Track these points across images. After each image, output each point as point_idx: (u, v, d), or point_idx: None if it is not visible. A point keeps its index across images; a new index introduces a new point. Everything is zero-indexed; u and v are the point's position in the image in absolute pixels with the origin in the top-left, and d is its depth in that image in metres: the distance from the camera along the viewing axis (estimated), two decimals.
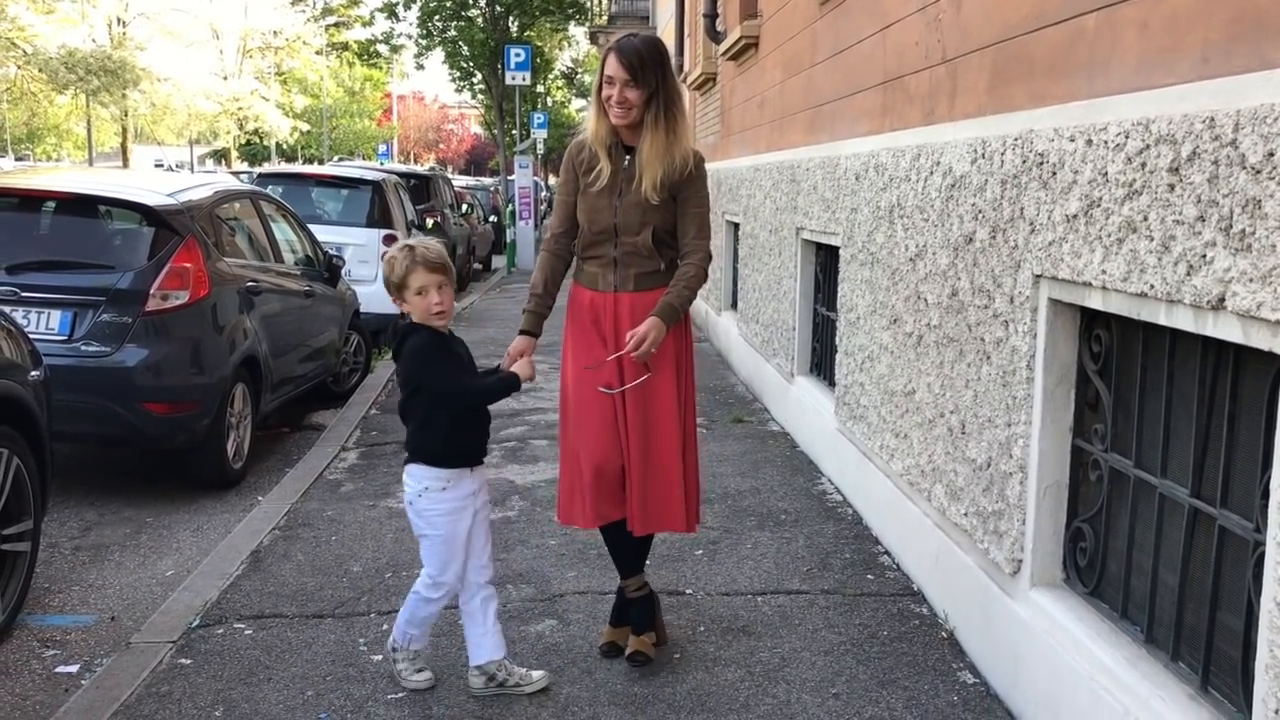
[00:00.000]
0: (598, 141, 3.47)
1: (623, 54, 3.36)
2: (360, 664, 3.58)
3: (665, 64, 3.43)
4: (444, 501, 3.26)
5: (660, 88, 3.39)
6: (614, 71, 3.37)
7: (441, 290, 3.25)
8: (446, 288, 3.27)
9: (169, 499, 5.75)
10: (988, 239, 3.51)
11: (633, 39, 3.43)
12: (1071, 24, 3.02)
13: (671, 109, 3.42)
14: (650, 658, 3.59)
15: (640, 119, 3.41)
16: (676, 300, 3.40)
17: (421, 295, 3.24)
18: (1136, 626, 2.86)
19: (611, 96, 3.38)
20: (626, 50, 3.36)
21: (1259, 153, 2.13)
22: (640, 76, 3.36)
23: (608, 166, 3.45)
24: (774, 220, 7.26)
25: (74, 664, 3.82)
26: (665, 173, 3.41)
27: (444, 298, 3.26)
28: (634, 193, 3.44)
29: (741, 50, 8.73)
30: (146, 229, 5.62)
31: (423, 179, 15.79)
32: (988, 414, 3.51)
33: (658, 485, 3.49)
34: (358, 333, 8.67)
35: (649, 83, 3.37)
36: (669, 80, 3.43)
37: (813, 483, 5.75)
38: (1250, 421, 2.39)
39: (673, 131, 3.42)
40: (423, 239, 3.41)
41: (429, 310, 3.24)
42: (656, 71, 3.39)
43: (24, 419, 4.07)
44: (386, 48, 31.01)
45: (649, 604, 3.70)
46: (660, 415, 3.47)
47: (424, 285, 3.23)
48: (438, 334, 3.29)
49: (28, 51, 32.74)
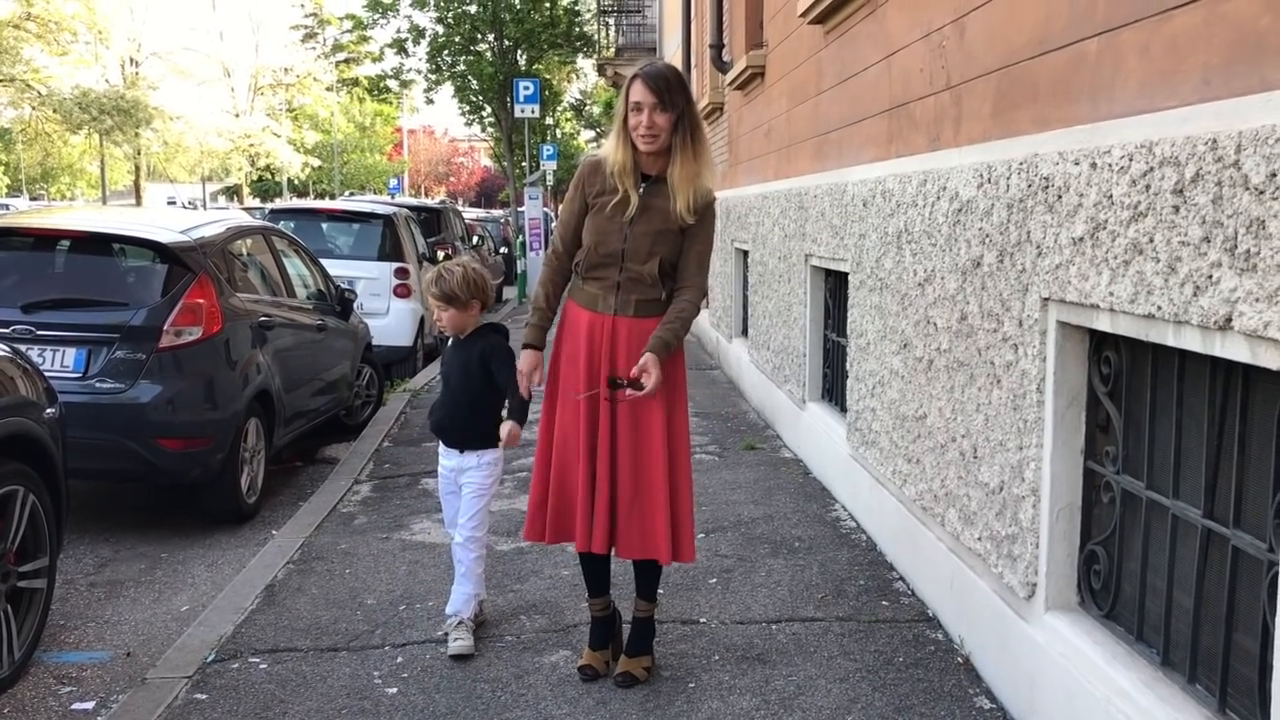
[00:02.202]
0: (622, 170, 3.49)
1: (650, 80, 3.40)
2: (375, 697, 3.58)
3: (687, 89, 3.50)
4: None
5: (686, 112, 3.44)
6: (641, 98, 3.40)
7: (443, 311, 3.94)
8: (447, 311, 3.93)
9: (183, 534, 5.77)
10: (995, 263, 3.52)
11: (657, 65, 3.50)
12: (1074, 49, 3.04)
13: (697, 132, 3.49)
14: (638, 680, 3.63)
15: (667, 144, 3.45)
16: (671, 336, 3.44)
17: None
18: (1153, 649, 2.84)
19: (640, 124, 3.41)
20: (653, 76, 3.41)
21: (1262, 173, 2.14)
22: (668, 101, 3.40)
23: (632, 195, 3.47)
24: (783, 247, 7.29)
25: (90, 701, 3.83)
26: (694, 195, 3.47)
27: (445, 317, 3.96)
28: (648, 221, 3.47)
29: (748, 80, 8.79)
30: (160, 266, 5.66)
31: (433, 212, 15.88)
32: (999, 438, 3.51)
33: (641, 512, 3.51)
34: (370, 366, 8.71)
35: (676, 106, 3.42)
36: (692, 105, 3.48)
37: (826, 509, 5.73)
38: (1261, 441, 2.39)
39: (700, 156, 3.48)
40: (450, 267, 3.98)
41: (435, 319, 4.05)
42: (681, 96, 3.44)
43: (40, 456, 4.09)
44: (396, 83, 31.22)
45: (647, 628, 3.75)
46: (646, 442, 3.50)
47: (430, 304, 4.00)
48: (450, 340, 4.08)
49: (42, 93, 33.13)
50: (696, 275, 3.55)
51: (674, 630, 4.09)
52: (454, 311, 3.91)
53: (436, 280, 3.91)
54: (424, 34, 28.37)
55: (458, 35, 27.61)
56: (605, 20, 25.89)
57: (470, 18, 27.16)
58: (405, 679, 3.72)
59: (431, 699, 3.55)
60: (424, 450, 7.19)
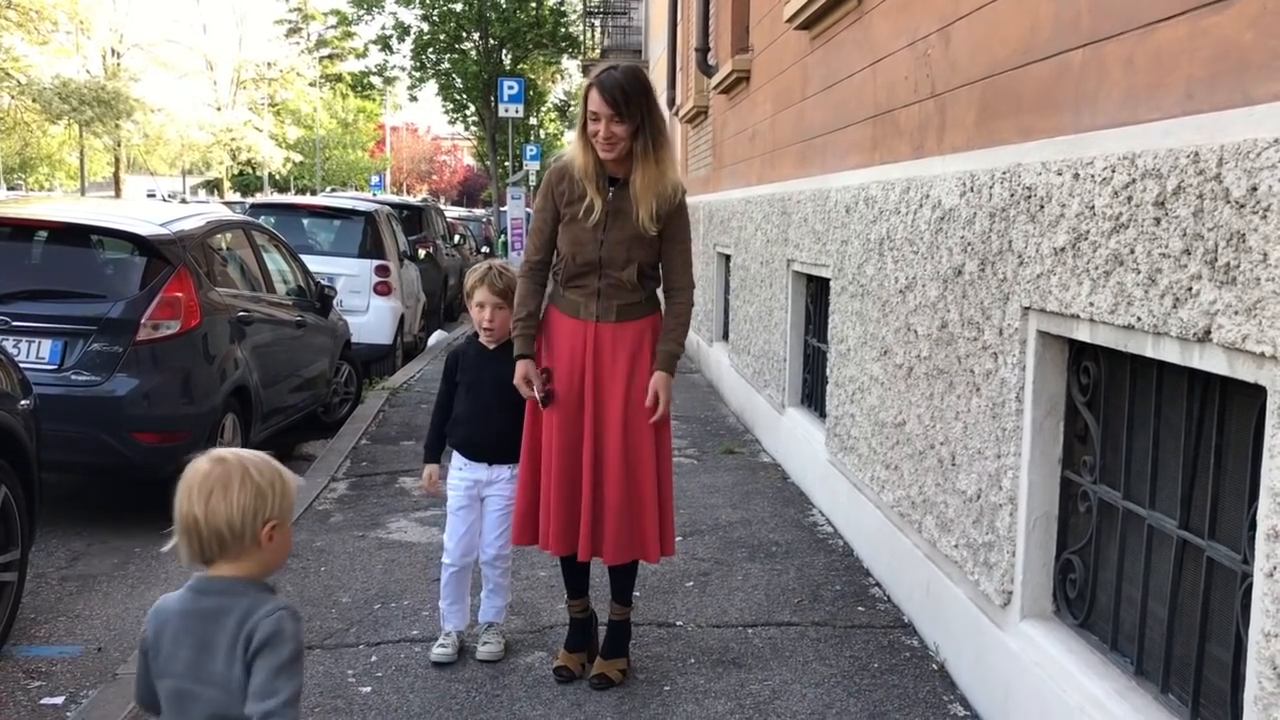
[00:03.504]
0: (585, 175, 3.44)
1: (605, 89, 3.32)
2: (348, 695, 3.56)
3: (649, 94, 3.40)
4: None
5: (646, 120, 3.37)
6: (598, 108, 3.34)
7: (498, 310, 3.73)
8: (502, 310, 3.72)
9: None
10: (976, 271, 3.53)
11: (613, 73, 3.38)
12: (1058, 59, 3.05)
13: (659, 138, 3.41)
14: (614, 682, 3.63)
15: (629, 151, 3.40)
16: (676, 347, 3.47)
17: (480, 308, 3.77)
18: (1126, 658, 2.86)
19: (598, 132, 3.36)
20: (609, 85, 3.32)
21: (1242, 187, 2.15)
22: (625, 111, 3.33)
23: (597, 201, 3.43)
24: (765, 252, 7.30)
25: (60, 695, 3.79)
26: (658, 204, 3.42)
27: (497, 319, 3.74)
28: (620, 228, 3.43)
29: (733, 84, 8.80)
30: (138, 258, 5.62)
31: (415, 210, 15.84)
32: (977, 445, 3.52)
33: (631, 516, 3.50)
34: (349, 363, 8.67)
35: (634, 116, 3.35)
36: (654, 111, 3.41)
37: (804, 514, 5.74)
38: (1237, 453, 2.40)
39: (661, 161, 3.41)
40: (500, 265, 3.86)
41: (479, 322, 3.79)
42: (641, 104, 3.35)
43: (13, 448, 4.06)
44: (380, 80, 31.15)
45: (622, 631, 3.74)
46: (637, 448, 3.48)
47: (482, 301, 3.75)
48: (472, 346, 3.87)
49: (21, 82, 32.86)
50: (682, 274, 3.54)
51: (650, 633, 4.09)
52: (508, 312, 3.67)
53: (488, 278, 3.72)
54: (409, 31, 28.33)
55: (443, 33, 27.59)
56: (591, 21, 25.91)
57: (456, 16, 27.14)
58: (379, 678, 3.70)
59: (405, 699, 3.54)
60: (401, 449, 7.16)
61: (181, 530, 1.88)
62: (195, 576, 1.92)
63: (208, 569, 1.90)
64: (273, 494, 1.90)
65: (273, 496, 1.90)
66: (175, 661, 1.87)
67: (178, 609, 1.90)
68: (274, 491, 1.90)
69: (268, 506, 1.88)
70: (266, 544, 1.90)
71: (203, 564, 1.90)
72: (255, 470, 1.90)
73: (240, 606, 1.85)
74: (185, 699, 1.86)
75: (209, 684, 1.84)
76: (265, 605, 1.85)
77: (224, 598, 1.87)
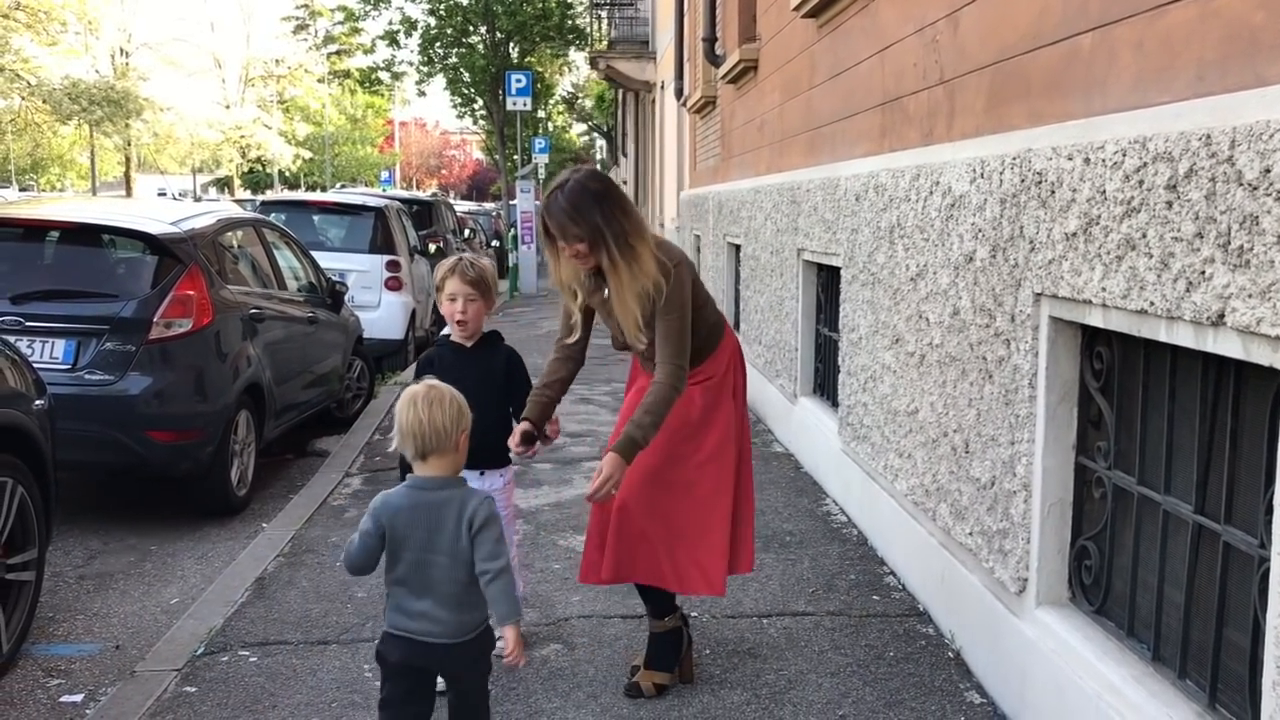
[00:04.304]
0: (568, 286, 3.42)
1: (552, 216, 3.24)
2: (365, 690, 3.57)
3: (603, 202, 3.22)
4: None
5: (604, 230, 3.20)
6: (554, 231, 3.28)
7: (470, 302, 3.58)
8: (475, 302, 3.59)
9: (173, 527, 5.75)
10: (988, 258, 3.52)
11: (558, 196, 3.24)
12: (1068, 44, 3.04)
13: (623, 244, 3.22)
14: (643, 693, 3.53)
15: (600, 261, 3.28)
16: (638, 432, 3.22)
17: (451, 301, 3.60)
18: (1143, 644, 2.85)
19: (564, 249, 3.30)
20: (554, 212, 3.23)
21: (1255, 169, 2.14)
22: (572, 234, 3.22)
23: (596, 296, 3.42)
24: (775, 242, 7.28)
25: (79, 693, 3.81)
26: (641, 307, 3.29)
27: (471, 311, 3.59)
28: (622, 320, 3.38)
29: (741, 73, 8.78)
30: (150, 257, 5.64)
31: (425, 204, 15.84)
32: (991, 433, 3.51)
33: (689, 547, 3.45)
34: (361, 358, 8.69)
35: (583, 236, 3.22)
36: (613, 218, 3.22)
37: (817, 504, 5.74)
38: (1252, 437, 2.39)
39: (632, 264, 3.23)
40: (470, 257, 3.69)
41: (451, 316, 3.61)
42: (594, 215, 3.20)
43: (28, 448, 4.07)
44: (388, 75, 31.14)
45: (666, 641, 3.60)
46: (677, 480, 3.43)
47: (454, 293, 3.58)
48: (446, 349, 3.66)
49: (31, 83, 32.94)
50: (665, 348, 3.29)
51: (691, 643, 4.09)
52: (482, 304, 3.59)
53: (458, 268, 3.56)
54: (416, 26, 28.31)
55: (450, 27, 27.56)
56: (598, 13, 25.86)
57: (462, 10, 27.10)
58: None
59: None
60: None
61: (406, 434, 2.61)
62: (410, 478, 2.66)
63: (419, 466, 2.63)
64: (464, 412, 2.66)
65: (464, 414, 2.66)
66: (412, 540, 2.61)
67: (407, 503, 2.63)
68: (465, 411, 2.66)
69: (463, 418, 2.65)
70: (461, 447, 2.65)
71: (420, 459, 2.61)
72: (453, 393, 2.67)
73: (456, 498, 2.62)
74: (424, 565, 2.62)
75: (440, 553, 2.61)
76: (475, 497, 2.63)
77: (442, 492, 2.63)
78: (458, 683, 2.76)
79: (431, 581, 2.63)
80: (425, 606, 2.63)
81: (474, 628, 2.68)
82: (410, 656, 2.67)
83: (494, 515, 2.63)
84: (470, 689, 2.77)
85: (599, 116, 42.92)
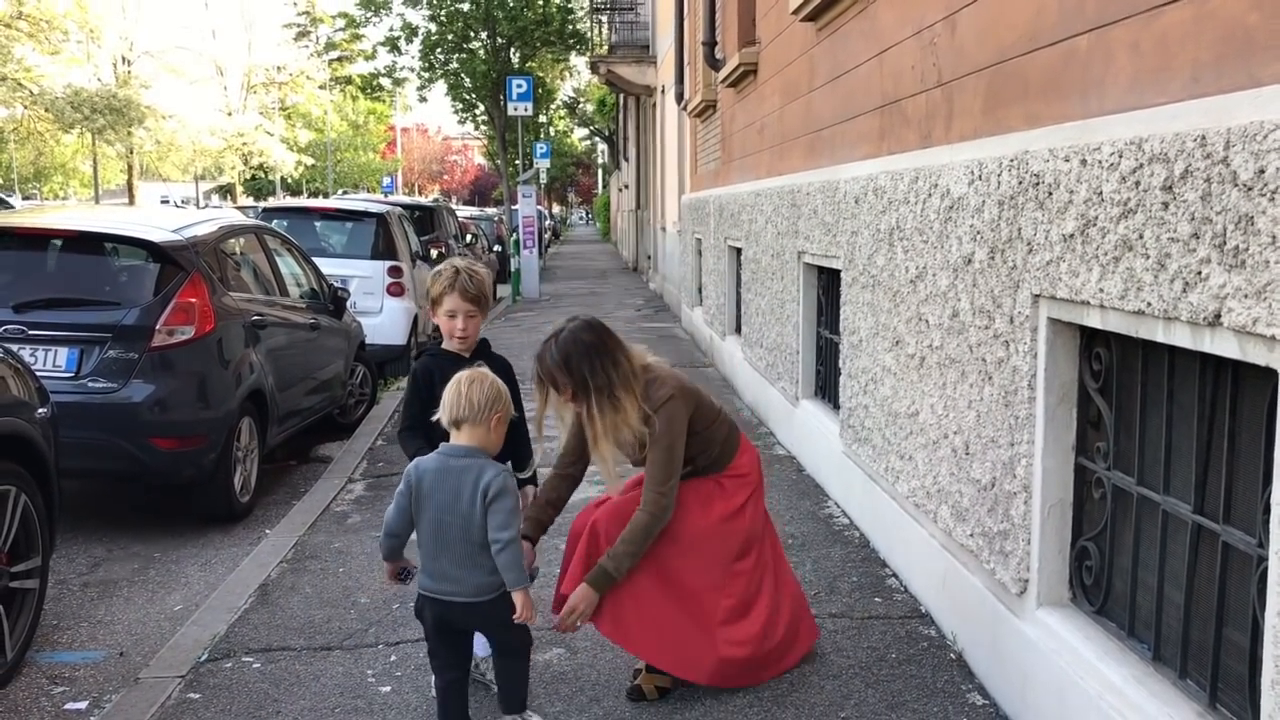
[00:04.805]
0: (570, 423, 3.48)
1: (543, 365, 3.31)
2: (369, 695, 3.58)
3: (593, 355, 3.28)
4: None
5: (589, 384, 3.28)
6: (545, 379, 3.34)
7: (470, 319, 3.53)
8: (475, 318, 3.55)
9: (176, 534, 5.76)
10: (986, 260, 3.53)
11: (551, 345, 3.32)
12: (1064, 45, 3.04)
13: (605, 398, 3.28)
14: (645, 697, 3.55)
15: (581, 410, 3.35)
16: (612, 565, 3.32)
17: (450, 318, 3.53)
18: (1144, 644, 2.85)
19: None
20: (546, 362, 3.31)
21: (1250, 170, 2.14)
22: (564, 382, 3.30)
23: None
24: (775, 245, 7.29)
25: (83, 700, 3.83)
26: (616, 456, 3.37)
27: (470, 327, 3.54)
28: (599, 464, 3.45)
29: (740, 77, 8.79)
30: (152, 265, 5.66)
31: (427, 210, 15.85)
32: (991, 434, 3.52)
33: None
34: (363, 364, 8.70)
35: (576, 385, 3.29)
36: (599, 370, 3.28)
37: (819, 506, 5.74)
38: (1250, 437, 2.39)
39: (612, 416, 3.30)
40: (467, 267, 3.59)
41: (450, 333, 3.56)
42: (582, 369, 3.27)
43: (31, 456, 4.09)
44: (389, 81, 31.17)
45: None
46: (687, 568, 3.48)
47: (454, 309, 3.51)
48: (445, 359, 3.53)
49: (34, 91, 33.02)
50: (651, 479, 3.36)
51: None
52: (480, 317, 3.55)
53: (456, 281, 3.48)
54: (417, 32, 28.35)
55: (450, 33, 27.59)
56: (598, 18, 25.87)
57: (463, 15, 27.14)
58: (399, 677, 3.72)
59: (425, 697, 3.55)
60: None
61: (445, 404, 2.99)
62: (443, 445, 3.02)
63: (453, 435, 2.99)
64: (502, 398, 3.02)
65: (501, 400, 3.02)
66: (434, 500, 2.98)
67: (435, 467, 2.99)
68: (503, 398, 3.03)
69: (499, 403, 3.00)
70: (493, 428, 3.00)
71: (454, 427, 2.98)
72: (495, 381, 3.04)
73: (477, 468, 2.95)
74: (442, 525, 2.97)
75: (457, 515, 2.95)
76: (492, 468, 2.96)
77: (466, 459, 2.97)
78: (489, 637, 3.20)
79: (447, 541, 2.97)
80: (444, 566, 2.98)
81: (491, 590, 2.99)
82: (438, 613, 3.05)
83: (508, 488, 2.94)
84: (501, 641, 3.16)
85: (600, 121, 42.93)
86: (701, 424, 3.48)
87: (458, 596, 3.00)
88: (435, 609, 3.04)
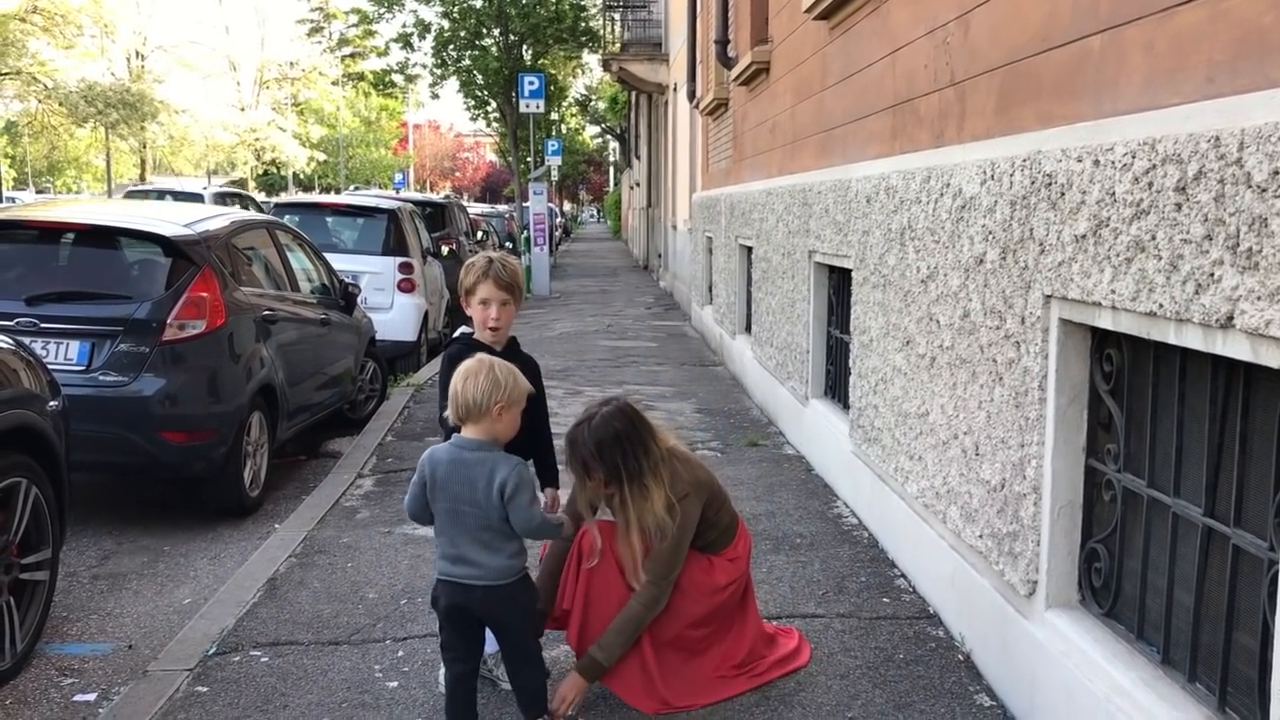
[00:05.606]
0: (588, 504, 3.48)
1: (575, 451, 3.31)
2: (376, 690, 3.59)
3: (624, 442, 3.28)
4: None
5: (622, 471, 3.29)
6: (577, 467, 3.35)
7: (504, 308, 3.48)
8: (508, 306, 3.50)
9: (186, 527, 5.78)
10: (998, 260, 3.51)
11: (584, 431, 3.31)
12: (1078, 45, 3.03)
13: (636, 486, 3.31)
14: None
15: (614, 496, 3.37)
16: (603, 655, 3.35)
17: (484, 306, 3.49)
18: (1153, 647, 2.84)
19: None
20: (578, 448, 3.30)
21: (1264, 171, 2.13)
22: (596, 474, 3.31)
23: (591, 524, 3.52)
24: (786, 244, 7.28)
25: (92, 692, 3.84)
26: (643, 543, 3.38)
27: (503, 317, 3.49)
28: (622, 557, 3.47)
29: (753, 76, 8.78)
30: (163, 259, 5.67)
31: (438, 206, 15.86)
32: (1001, 435, 3.51)
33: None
34: (374, 360, 8.71)
35: (609, 472, 3.30)
36: (631, 456, 3.29)
37: (828, 506, 5.73)
38: (1262, 440, 2.38)
39: (640, 504, 3.32)
40: (499, 256, 3.57)
41: (483, 323, 3.50)
42: (614, 456, 3.27)
43: (42, 449, 4.10)
44: (402, 77, 31.28)
45: None
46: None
47: (487, 298, 3.47)
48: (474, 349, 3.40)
49: (48, 86, 33.18)
50: (653, 569, 3.38)
51: None
52: (514, 307, 3.51)
53: (490, 269, 3.43)
54: (429, 28, 28.41)
55: (463, 30, 27.66)
56: (611, 15, 25.87)
57: (475, 12, 27.20)
58: (406, 672, 3.73)
59: (432, 693, 3.56)
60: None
61: (450, 399, 3.02)
62: (455, 437, 3.05)
63: (462, 429, 3.03)
64: (504, 386, 2.99)
65: (504, 387, 2.98)
66: (448, 491, 3.01)
67: (447, 458, 3.04)
68: (505, 384, 2.99)
69: (496, 392, 2.97)
70: (497, 418, 3.00)
71: (461, 422, 3.01)
72: (498, 368, 3.01)
73: (490, 461, 2.99)
74: (457, 514, 3.02)
75: (473, 505, 2.99)
76: (505, 465, 2.99)
77: (478, 452, 3.01)
78: (500, 624, 3.15)
79: (464, 528, 3.02)
80: (461, 551, 3.03)
81: (509, 574, 3.06)
82: (454, 598, 3.06)
83: (524, 482, 2.99)
84: (512, 628, 3.15)
85: (612, 118, 42.97)
86: (711, 511, 3.51)
87: (480, 580, 3.03)
88: (454, 595, 3.05)
